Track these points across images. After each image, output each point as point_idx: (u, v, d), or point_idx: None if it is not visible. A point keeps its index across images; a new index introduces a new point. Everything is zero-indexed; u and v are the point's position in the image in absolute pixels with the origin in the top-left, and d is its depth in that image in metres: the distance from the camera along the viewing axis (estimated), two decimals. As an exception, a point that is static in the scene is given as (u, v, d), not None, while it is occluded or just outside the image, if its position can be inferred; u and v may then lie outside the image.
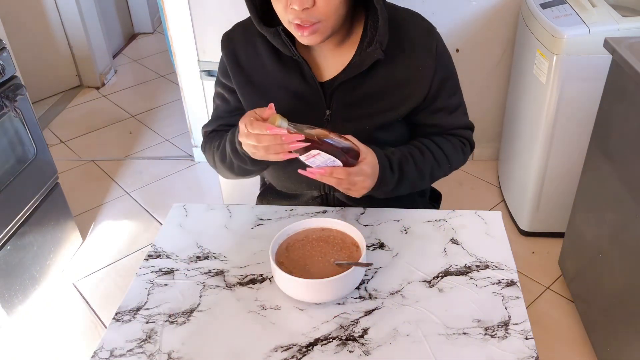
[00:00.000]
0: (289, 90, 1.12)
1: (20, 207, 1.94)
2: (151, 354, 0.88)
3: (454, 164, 1.19)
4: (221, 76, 1.20)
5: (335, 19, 1.00)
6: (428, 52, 1.10)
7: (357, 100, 1.11)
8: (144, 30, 4.56)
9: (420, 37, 1.10)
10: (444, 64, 1.12)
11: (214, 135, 1.23)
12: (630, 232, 1.46)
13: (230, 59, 1.15)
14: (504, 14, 2.34)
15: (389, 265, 1.02)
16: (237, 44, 1.15)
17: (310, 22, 0.98)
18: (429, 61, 1.10)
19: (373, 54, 1.05)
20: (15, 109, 1.88)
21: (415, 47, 1.09)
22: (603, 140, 1.63)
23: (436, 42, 1.11)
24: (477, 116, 2.70)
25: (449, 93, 1.15)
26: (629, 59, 1.41)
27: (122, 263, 2.24)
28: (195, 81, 2.48)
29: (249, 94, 1.15)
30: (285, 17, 1.01)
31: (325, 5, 0.97)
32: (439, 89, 1.13)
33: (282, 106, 1.12)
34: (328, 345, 0.88)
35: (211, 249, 1.09)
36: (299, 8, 0.96)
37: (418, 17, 1.13)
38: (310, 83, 1.11)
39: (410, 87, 1.11)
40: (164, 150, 3.00)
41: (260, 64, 1.14)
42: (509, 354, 0.84)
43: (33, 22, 3.32)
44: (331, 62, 1.12)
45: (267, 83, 1.14)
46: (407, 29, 1.10)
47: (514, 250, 1.05)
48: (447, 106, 1.16)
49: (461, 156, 1.20)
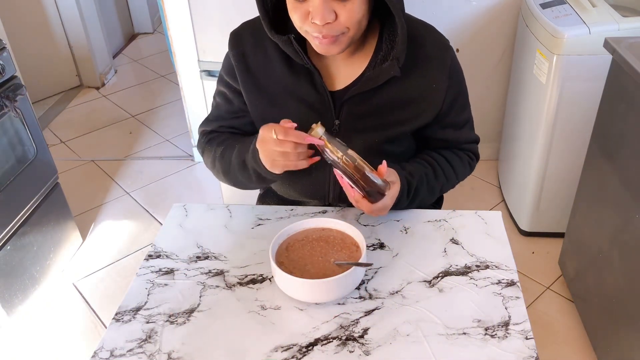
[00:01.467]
0: (298, 98, 1.10)
1: (20, 207, 1.94)
2: (151, 354, 0.88)
3: (460, 178, 1.21)
4: (226, 75, 1.17)
5: (357, 30, 0.98)
6: (442, 69, 1.08)
7: (367, 113, 1.09)
8: (144, 30, 4.56)
9: (435, 53, 1.09)
10: (457, 81, 1.12)
11: (214, 137, 1.20)
12: (630, 232, 1.46)
13: (239, 61, 1.12)
14: (504, 14, 2.34)
15: (389, 265, 1.02)
16: (246, 45, 1.12)
17: (330, 35, 0.96)
18: (442, 78, 1.09)
19: (389, 70, 1.03)
20: (15, 109, 1.88)
21: (430, 63, 1.08)
22: (603, 140, 1.63)
23: (450, 58, 1.10)
24: (477, 116, 2.70)
25: (460, 109, 1.16)
26: (629, 59, 1.41)
27: (122, 263, 2.24)
28: (195, 81, 2.48)
29: (256, 98, 1.14)
30: (302, 28, 0.98)
31: (349, 18, 0.94)
32: (451, 106, 1.13)
33: (290, 113, 1.11)
34: (328, 345, 0.88)
35: (211, 249, 1.09)
36: (320, 23, 0.93)
37: (434, 32, 1.12)
38: (321, 92, 1.09)
39: (423, 104, 1.10)
40: (164, 150, 3.00)
41: (269, 68, 1.11)
42: (509, 354, 0.84)
43: (33, 22, 3.32)
44: (343, 72, 1.10)
45: (275, 89, 1.11)
46: (423, 44, 1.08)
47: (514, 250, 1.05)
48: (457, 122, 1.17)
49: (467, 170, 1.22)
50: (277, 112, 1.11)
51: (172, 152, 2.98)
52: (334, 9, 0.93)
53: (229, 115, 1.20)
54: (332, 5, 0.93)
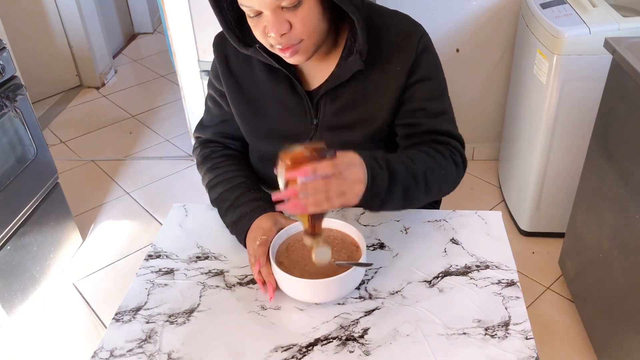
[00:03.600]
0: (278, 100, 1.11)
1: (20, 207, 1.94)
2: (151, 354, 0.88)
3: (446, 171, 1.04)
4: (213, 78, 1.19)
5: (316, 36, 0.98)
6: (407, 54, 1.05)
7: (340, 110, 1.09)
8: (144, 30, 4.56)
9: (400, 41, 1.06)
10: (424, 66, 1.06)
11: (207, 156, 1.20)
12: (630, 232, 1.46)
13: (222, 63, 1.14)
14: (504, 14, 2.34)
15: (389, 265, 1.02)
16: (229, 48, 1.13)
17: (291, 44, 0.96)
18: (406, 62, 1.05)
19: (353, 65, 1.03)
20: (15, 109, 1.88)
21: (394, 51, 1.06)
22: (603, 140, 1.63)
23: (417, 43, 1.06)
24: (477, 116, 2.73)
25: (427, 95, 1.08)
26: (629, 59, 1.41)
27: (122, 263, 2.24)
28: (195, 81, 2.48)
29: (238, 100, 1.15)
30: (266, 42, 0.99)
31: (302, 27, 0.95)
32: (415, 90, 1.07)
33: (271, 115, 1.13)
34: (328, 346, 0.87)
35: (211, 249, 1.08)
36: (276, 35, 0.94)
37: (402, 20, 1.09)
38: (299, 93, 1.10)
39: (387, 91, 1.07)
40: (164, 150, 3.00)
41: (251, 72, 1.12)
42: (509, 354, 0.84)
43: (33, 22, 3.32)
44: (318, 71, 1.10)
45: (256, 91, 1.13)
46: (387, 34, 1.06)
47: (514, 250, 1.05)
48: (426, 108, 1.08)
49: (452, 165, 1.06)
50: (259, 115, 1.13)
51: (172, 152, 2.98)
52: (287, 19, 0.94)
53: (219, 119, 1.21)
54: (284, 16, 0.93)
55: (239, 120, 1.17)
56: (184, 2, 2.20)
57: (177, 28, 2.36)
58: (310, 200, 0.83)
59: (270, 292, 0.95)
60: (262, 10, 0.93)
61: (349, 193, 0.86)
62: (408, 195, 0.98)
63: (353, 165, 0.88)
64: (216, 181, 1.16)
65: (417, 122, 1.09)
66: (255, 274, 0.98)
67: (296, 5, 0.92)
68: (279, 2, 0.91)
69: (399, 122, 1.11)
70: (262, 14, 0.94)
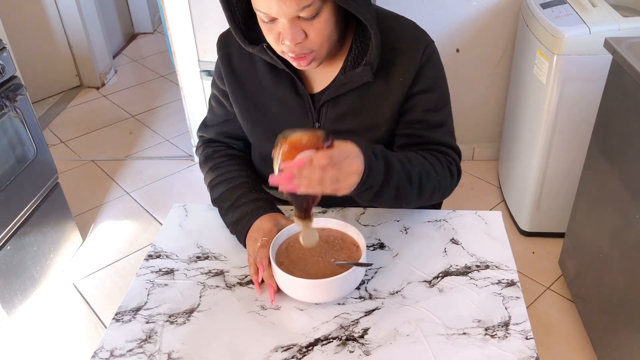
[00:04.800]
0: (280, 101, 1.11)
1: (20, 207, 1.94)
2: (151, 354, 0.88)
3: (441, 178, 1.05)
4: (217, 78, 1.19)
5: (328, 46, 0.98)
6: (411, 64, 1.05)
7: (343, 116, 1.09)
8: (144, 30, 4.56)
9: (406, 49, 1.06)
10: (427, 77, 1.06)
11: (210, 156, 1.21)
12: (630, 232, 1.46)
13: (225, 63, 1.14)
14: (504, 14, 2.34)
15: (389, 265, 1.02)
16: (232, 48, 1.13)
17: (304, 54, 0.97)
18: (410, 72, 1.05)
19: (362, 75, 1.02)
20: (15, 109, 1.88)
21: (398, 59, 1.05)
22: (603, 140, 1.63)
23: (423, 53, 1.05)
24: (477, 116, 2.73)
25: (428, 107, 1.08)
26: (629, 59, 1.41)
27: (122, 263, 2.24)
28: (195, 81, 2.48)
29: (240, 100, 1.15)
30: (278, 47, 0.99)
31: (317, 37, 0.95)
32: (417, 101, 1.07)
33: (272, 115, 1.13)
34: (328, 346, 0.87)
35: (211, 249, 1.08)
36: (291, 43, 0.94)
37: (408, 28, 1.08)
38: (301, 95, 1.10)
39: (389, 100, 1.07)
40: (164, 150, 3.00)
41: (254, 71, 1.12)
42: (509, 354, 0.84)
43: (33, 22, 3.32)
44: (321, 75, 1.10)
45: (259, 92, 1.13)
46: (392, 40, 1.05)
47: (514, 250, 1.05)
48: (425, 120, 1.08)
49: (447, 174, 1.07)
50: (261, 114, 1.13)
51: (172, 152, 2.98)
52: (303, 29, 0.94)
53: (222, 118, 1.21)
54: (300, 26, 0.93)
55: (241, 119, 1.17)
56: (184, 2, 2.21)
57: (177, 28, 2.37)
58: (303, 181, 0.83)
59: (272, 295, 0.95)
60: (278, 18, 0.93)
61: (343, 182, 0.87)
62: (400, 194, 0.98)
63: (351, 156, 0.87)
64: (218, 180, 1.16)
65: (416, 133, 1.10)
66: (252, 274, 0.98)
67: (314, 16, 0.92)
68: (298, 12, 0.91)
69: (398, 131, 1.11)
70: (277, 20, 0.94)
